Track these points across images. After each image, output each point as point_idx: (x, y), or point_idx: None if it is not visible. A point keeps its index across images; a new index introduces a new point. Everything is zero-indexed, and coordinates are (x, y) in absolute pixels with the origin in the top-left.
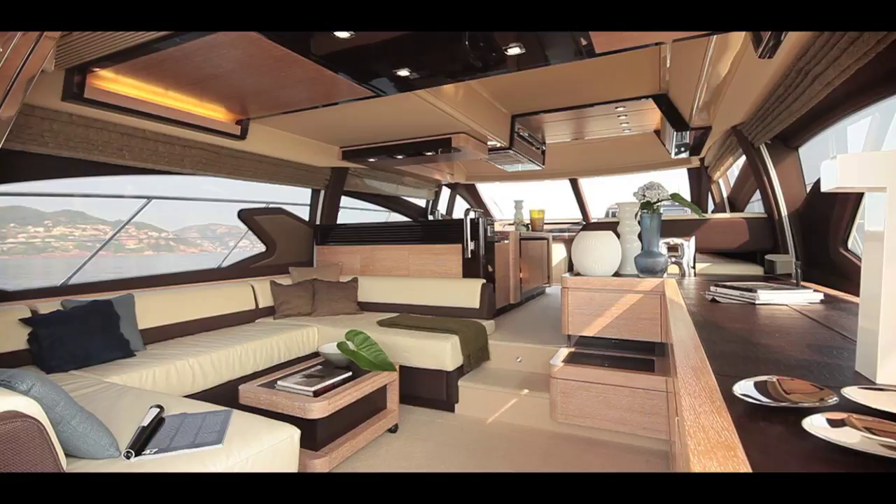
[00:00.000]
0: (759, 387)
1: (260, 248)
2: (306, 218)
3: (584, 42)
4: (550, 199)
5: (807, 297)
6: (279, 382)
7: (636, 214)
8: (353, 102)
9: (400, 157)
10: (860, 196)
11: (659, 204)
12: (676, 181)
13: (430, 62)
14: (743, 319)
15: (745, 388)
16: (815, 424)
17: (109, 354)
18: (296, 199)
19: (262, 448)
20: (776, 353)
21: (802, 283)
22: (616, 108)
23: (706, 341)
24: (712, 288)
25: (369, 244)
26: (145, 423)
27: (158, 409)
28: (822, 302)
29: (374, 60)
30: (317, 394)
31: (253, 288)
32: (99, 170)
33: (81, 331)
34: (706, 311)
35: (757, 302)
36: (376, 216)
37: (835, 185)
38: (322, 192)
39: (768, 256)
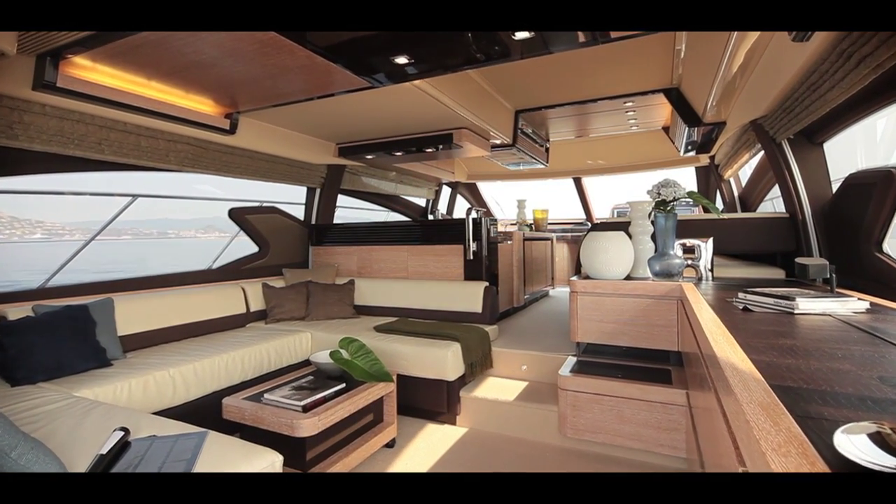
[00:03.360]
0: (875, 441)
1: (247, 247)
2: (301, 217)
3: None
4: (551, 199)
5: (850, 306)
6: (266, 395)
7: (649, 214)
8: (350, 96)
9: (399, 153)
10: None
11: (674, 203)
12: (682, 180)
13: (430, 52)
14: (788, 334)
15: (864, 447)
16: None
17: (83, 364)
18: (291, 198)
19: None
20: (851, 381)
21: (838, 290)
22: (624, 103)
23: (756, 363)
24: (741, 294)
25: (367, 245)
26: (104, 450)
27: (122, 433)
28: (867, 311)
29: (370, 49)
30: (306, 409)
31: (244, 291)
32: (78, 166)
33: (53, 339)
34: (741, 323)
35: (796, 311)
36: (375, 216)
37: None
38: (318, 191)
39: (799, 259)
